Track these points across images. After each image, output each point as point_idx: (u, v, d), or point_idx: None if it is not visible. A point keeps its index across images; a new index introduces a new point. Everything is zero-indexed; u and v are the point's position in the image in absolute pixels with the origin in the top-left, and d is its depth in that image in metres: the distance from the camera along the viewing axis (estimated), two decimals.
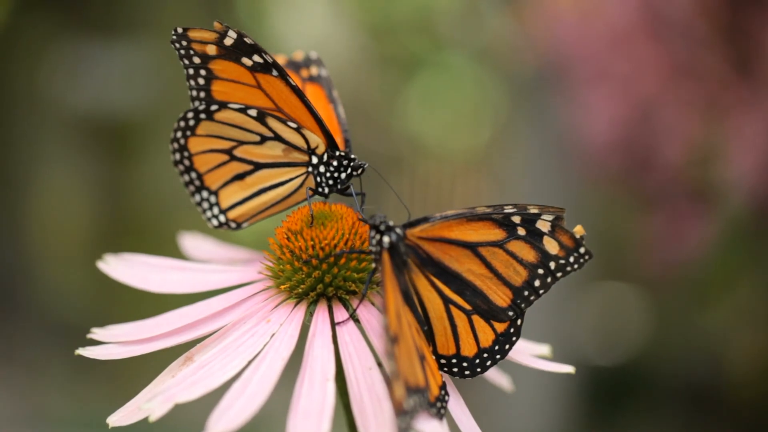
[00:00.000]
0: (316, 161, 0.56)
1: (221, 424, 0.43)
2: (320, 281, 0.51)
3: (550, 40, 1.70)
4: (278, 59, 0.55)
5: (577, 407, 1.78)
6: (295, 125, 0.55)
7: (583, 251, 0.50)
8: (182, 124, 0.56)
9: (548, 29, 1.70)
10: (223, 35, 0.53)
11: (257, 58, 0.53)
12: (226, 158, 0.57)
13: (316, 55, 0.62)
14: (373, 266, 0.51)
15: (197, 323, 0.51)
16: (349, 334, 0.49)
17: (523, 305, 0.50)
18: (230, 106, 0.55)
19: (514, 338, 0.50)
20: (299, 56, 0.62)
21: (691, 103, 1.59)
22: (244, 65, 0.54)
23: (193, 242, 0.64)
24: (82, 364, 2.09)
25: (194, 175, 0.57)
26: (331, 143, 0.56)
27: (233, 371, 0.46)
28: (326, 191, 0.56)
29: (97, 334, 0.53)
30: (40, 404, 2.02)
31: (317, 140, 0.56)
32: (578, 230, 0.50)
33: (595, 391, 1.79)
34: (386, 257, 0.48)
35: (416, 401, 0.43)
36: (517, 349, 0.51)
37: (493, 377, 0.57)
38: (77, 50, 2.54)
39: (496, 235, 0.50)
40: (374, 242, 0.49)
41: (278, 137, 0.56)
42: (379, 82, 2.88)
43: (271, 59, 0.54)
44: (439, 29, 2.71)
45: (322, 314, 0.50)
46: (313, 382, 0.45)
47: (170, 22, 2.56)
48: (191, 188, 0.58)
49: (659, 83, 1.61)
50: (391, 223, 0.49)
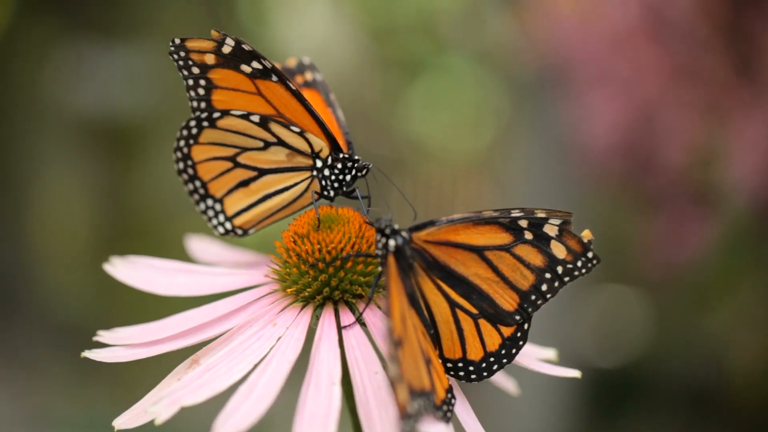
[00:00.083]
0: (320, 164, 0.56)
1: (227, 427, 0.43)
2: (327, 285, 0.51)
3: (551, 42, 1.70)
4: (282, 72, 0.55)
5: (578, 409, 1.78)
6: (298, 129, 0.55)
7: (591, 256, 0.50)
8: (185, 132, 0.55)
9: (549, 31, 1.70)
10: (221, 43, 0.52)
11: (256, 64, 0.53)
12: (230, 165, 0.56)
13: (309, 60, 0.62)
14: (379, 270, 0.51)
15: (203, 326, 0.51)
16: (355, 337, 0.49)
17: (530, 309, 0.50)
18: (232, 113, 0.54)
19: (521, 342, 0.50)
20: (292, 63, 0.62)
21: (692, 105, 1.59)
22: (243, 72, 0.53)
23: (199, 245, 0.63)
24: (83, 365, 2.10)
25: (198, 183, 0.57)
26: (334, 146, 0.56)
27: (239, 374, 0.46)
28: (331, 194, 0.56)
29: (103, 336, 0.53)
30: (41, 406, 2.02)
31: (321, 143, 0.55)
32: (586, 234, 0.50)
33: (596, 393, 1.79)
34: (391, 260, 0.48)
35: (421, 404, 0.43)
36: (523, 353, 0.51)
37: (498, 381, 0.57)
38: (79, 53, 2.54)
39: (502, 239, 0.50)
40: (380, 245, 0.49)
41: (282, 142, 0.55)
42: (380, 84, 2.88)
43: (270, 65, 0.53)
44: (440, 32, 2.71)
45: (328, 318, 0.50)
46: (319, 385, 0.45)
47: (171, 24, 2.57)
48: (196, 197, 0.57)
49: (660, 85, 1.61)
50: (396, 226, 0.49)
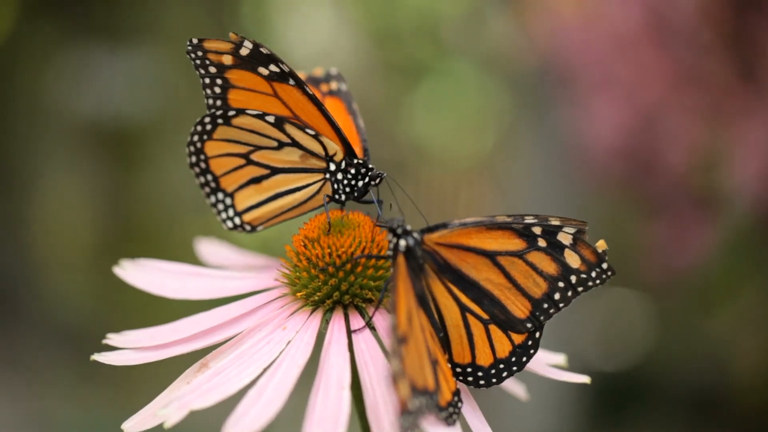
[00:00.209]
0: (333, 168, 0.56)
1: (237, 430, 0.43)
2: (336, 289, 0.51)
3: (553, 46, 1.70)
4: (299, 76, 0.55)
5: (581, 413, 1.78)
6: (313, 132, 0.55)
7: (605, 267, 0.49)
8: (199, 128, 0.56)
9: (552, 35, 1.70)
10: (238, 46, 0.53)
11: (274, 67, 0.53)
12: (242, 162, 0.57)
13: (336, 71, 0.63)
14: (389, 274, 0.51)
15: (213, 329, 0.52)
16: (365, 341, 0.49)
17: (542, 318, 0.49)
18: (248, 112, 0.55)
19: (531, 351, 0.50)
20: (319, 72, 0.62)
21: (694, 109, 1.59)
22: (260, 74, 0.54)
23: (209, 248, 0.64)
24: (85, 369, 2.09)
25: (210, 177, 0.57)
26: (348, 151, 0.56)
27: (249, 378, 0.46)
28: (342, 198, 0.56)
29: (112, 339, 0.53)
30: (43, 409, 2.01)
31: (335, 147, 0.56)
32: (601, 245, 0.49)
33: (598, 396, 1.79)
34: (401, 260, 0.48)
35: (422, 403, 0.43)
36: (533, 358, 0.51)
37: (508, 385, 0.57)
38: (81, 57, 2.54)
39: (515, 245, 0.49)
40: (391, 246, 0.49)
41: (296, 143, 0.56)
42: (383, 88, 2.88)
43: (287, 68, 0.54)
44: (443, 36, 2.71)
45: (338, 322, 0.50)
46: (328, 389, 0.45)
47: (174, 29, 2.57)
48: (207, 190, 0.58)
49: (663, 89, 1.61)
50: (408, 227, 0.49)
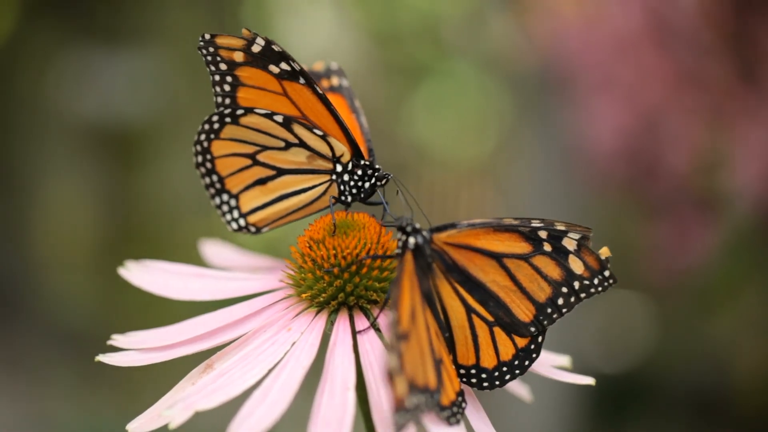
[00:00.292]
0: (340, 169, 0.56)
1: (241, 431, 0.43)
2: (341, 290, 0.51)
3: (554, 47, 1.70)
4: (309, 75, 0.55)
5: (582, 414, 1.78)
6: (321, 132, 0.55)
7: (607, 275, 0.49)
8: (206, 127, 0.56)
9: (553, 36, 1.70)
10: (251, 42, 0.53)
11: (284, 65, 0.53)
12: (248, 162, 0.57)
13: (336, 65, 0.62)
14: (395, 275, 0.51)
15: (218, 331, 0.52)
16: (369, 343, 0.49)
17: (545, 322, 0.50)
18: (256, 111, 0.55)
19: (534, 355, 0.50)
20: (319, 67, 0.62)
21: (696, 111, 1.59)
22: (270, 72, 0.54)
23: (213, 249, 0.64)
24: (86, 370, 2.09)
25: (215, 177, 0.57)
26: (356, 152, 0.56)
27: (253, 379, 0.46)
28: (349, 200, 0.56)
29: (117, 340, 0.53)
30: (43, 410, 2.01)
31: (342, 148, 0.56)
32: (604, 252, 0.49)
33: (599, 398, 1.78)
34: (409, 257, 0.48)
35: (421, 400, 0.43)
36: (537, 360, 0.51)
37: (512, 387, 0.57)
38: (82, 58, 2.54)
39: (522, 248, 0.49)
40: (400, 243, 0.49)
41: (303, 144, 0.56)
42: (384, 89, 2.88)
43: (298, 67, 0.54)
44: (444, 37, 2.71)
45: (343, 323, 0.50)
46: (333, 390, 0.45)
47: (175, 30, 2.57)
48: (212, 191, 0.58)
49: (664, 91, 1.61)
50: (418, 225, 0.49)
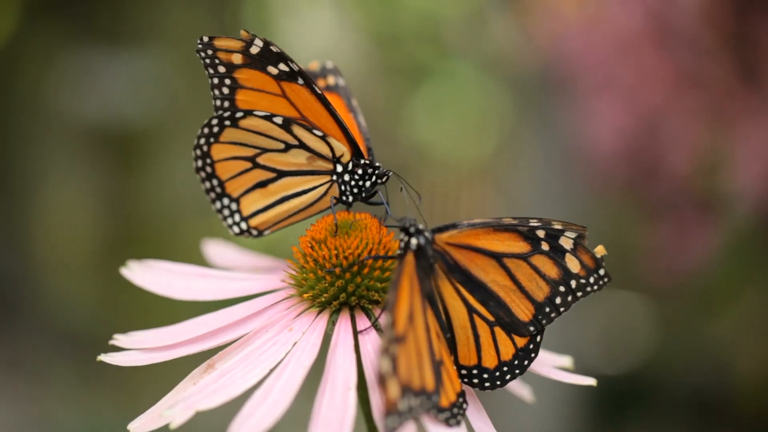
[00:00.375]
0: (341, 169, 0.56)
1: (242, 431, 0.43)
2: (343, 290, 0.51)
3: (555, 48, 1.70)
4: (308, 75, 0.55)
5: (582, 416, 1.78)
6: (320, 133, 0.55)
7: (602, 273, 0.50)
8: (206, 131, 0.56)
9: (554, 37, 1.70)
10: (249, 43, 0.53)
11: (283, 66, 0.53)
12: (248, 165, 0.57)
13: (332, 64, 0.62)
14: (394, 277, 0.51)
15: (220, 331, 0.52)
16: (371, 343, 0.49)
17: (544, 321, 0.50)
18: (255, 113, 0.55)
19: (533, 354, 0.50)
20: (315, 66, 0.62)
21: (696, 112, 1.59)
22: (269, 74, 0.54)
23: (216, 249, 0.64)
24: (87, 371, 2.09)
25: (216, 182, 0.57)
26: (356, 152, 0.56)
27: (255, 379, 0.46)
28: (350, 200, 0.56)
29: (119, 340, 0.53)
30: (44, 411, 2.01)
31: (342, 148, 0.56)
32: (599, 250, 0.50)
33: (600, 399, 1.78)
34: (410, 258, 0.48)
35: (415, 403, 0.43)
36: (538, 360, 0.51)
37: (514, 388, 0.57)
38: (83, 59, 2.54)
39: (521, 247, 0.50)
40: (402, 244, 0.49)
41: (303, 145, 0.56)
42: (385, 90, 2.88)
43: (297, 67, 0.54)
44: (445, 38, 2.71)
45: (344, 323, 0.50)
46: (334, 390, 0.45)
47: (176, 32, 2.57)
48: (212, 195, 0.58)
49: (665, 92, 1.61)
50: (420, 226, 0.49)
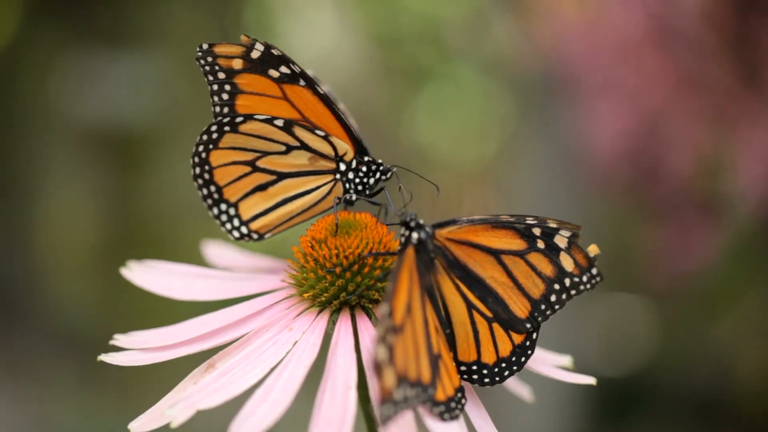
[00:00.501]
0: (344, 168, 0.56)
1: (243, 430, 0.43)
2: (343, 290, 0.52)
3: (556, 50, 1.70)
4: (310, 76, 0.55)
5: (583, 418, 1.78)
6: (322, 133, 0.55)
7: (595, 272, 0.50)
8: (205, 137, 0.55)
9: (555, 39, 1.70)
10: (250, 48, 0.53)
11: (284, 68, 0.54)
12: (248, 170, 0.56)
13: (312, 72, 0.62)
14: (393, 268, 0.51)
15: (220, 330, 0.52)
16: (371, 342, 0.49)
17: (539, 318, 0.50)
18: (256, 117, 0.55)
19: (529, 351, 0.51)
20: None
21: (698, 114, 1.59)
22: (270, 77, 0.54)
23: (216, 250, 0.64)
24: (87, 373, 2.09)
25: (213, 188, 0.57)
26: (359, 149, 0.56)
27: (255, 379, 0.47)
28: (353, 198, 0.56)
29: (119, 340, 0.53)
30: (44, 413, 2.01)
31: (345, 147, 0.56)
32: (592, 249, 0.50)
33: (602, 401, 1.78)
34: (410, 251, 0.48)
35: (411, 394, 0.43)
36: (539, 359, 0.51)
37: (513, 387, 0.57)
38: (85, 61, 2.55)
39: (517, 244, 0.50)
40: (403, 239, 0.49)
41: (305, 146, 0.56)
42: (386, 92, 2.88)
43: (299, 69, 0.54)
44: (446, 40, 2.71)
45: (345, 323, 0.51)
46: (335, 390, 0.46)
47: (178, 34, 2.57)
48: (209, 201, 0.57)
49: (666, 94, 1.61)
50: (421, 221, 0.50)
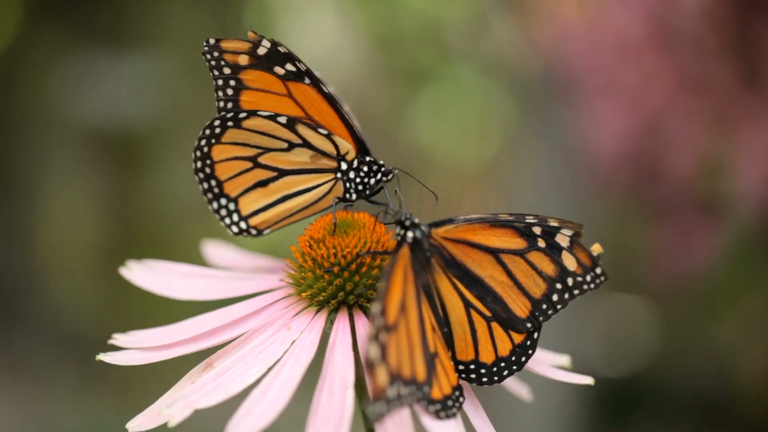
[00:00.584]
0: (345, 167, 0.56)
1: (240, 429, 0.43)
2: (341, 289, 0.52)
3: (557, 51, 1.70)
4: (315, 74, 0.55)
5: (584, 418, 1.78)
6: (325, 131, 0.55)
7: (599, 272, 0.50)
8: (208, 132, 0.56)
9: (556, 40, 1.70)
10: (256, 45, 0.53)
11: (290, 66, 0.54)
12: (249, 165, 0.57)
13: (320, 75, 0.63)
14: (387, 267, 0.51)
15: (218, 330, 0.52)
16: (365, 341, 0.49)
17: (540, 318, 0.50)
18: (259, 113, 0.55)
19: (530, 351, 0.50)
20: None
21: (699, 115, 1.59)
22: (275, 74, 0.54)
23: (215, 249, 0.64)
24: (88, 374, 2.09)
25: (214, 182, 0.57)
26: (362, 149, 0.56)
27: (253, 378, 0.47)
28: (354, 197, 0.56)
29: (118, 339, 0.53)
30: (44, 413, 2.02)
31: (347, 146, 0.56)
32: (596, 248, 0.50)
33: (602, 401, 1.78)
34: (405, 250, 0.48)
35: (404, 392, 0.43)
36: (537, 359, 0.51)
37: (512, 387, 0.57)
38: (86, 62, 2.55)
39: (517, 243, 0.50)
40: (398, 238, 0.49)
41: (307, 144, 0.56)
42: (387, 93, 2.88)
43: (304, 67, 0.54)
44: (447, 41, 2.71)
45: (342, 322, 0.51)
46: (332, 389, 0.46)
47: (178, 34, 2.58)
48: (209, 195, 0.57)
49: (667, 95, 1.61)
50: (416, 220, 0.50)
